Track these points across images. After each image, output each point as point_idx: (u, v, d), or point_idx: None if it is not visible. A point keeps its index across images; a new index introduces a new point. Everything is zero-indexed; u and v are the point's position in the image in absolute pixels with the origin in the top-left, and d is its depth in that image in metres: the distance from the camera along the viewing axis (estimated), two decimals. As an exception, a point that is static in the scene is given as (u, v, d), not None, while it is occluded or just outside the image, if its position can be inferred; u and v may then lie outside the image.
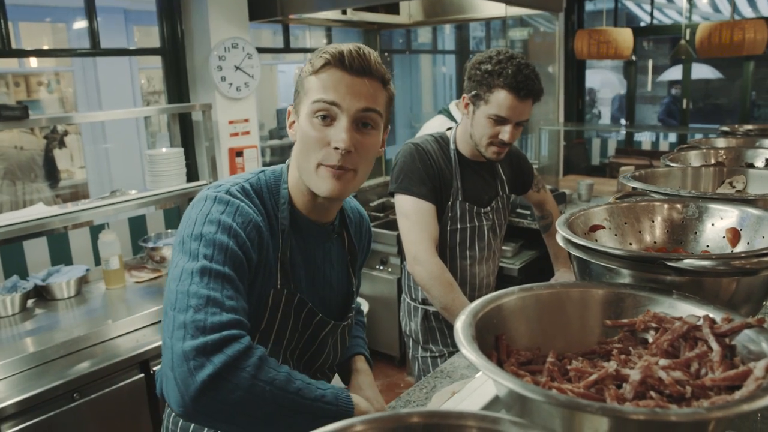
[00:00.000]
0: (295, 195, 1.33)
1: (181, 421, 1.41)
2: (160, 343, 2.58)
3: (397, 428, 0.66)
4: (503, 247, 3.96)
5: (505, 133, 2.01)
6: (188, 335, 1.06)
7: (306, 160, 1.24)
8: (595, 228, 1.26)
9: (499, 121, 2.00)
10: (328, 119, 1.21)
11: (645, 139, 7.63)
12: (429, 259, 2.06)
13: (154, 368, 2.60)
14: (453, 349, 2.27)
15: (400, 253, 2.32)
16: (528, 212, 4.07)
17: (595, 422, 0.67)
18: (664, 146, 7.21)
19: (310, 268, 1.37)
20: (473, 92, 2.04)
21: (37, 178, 4.94)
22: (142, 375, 2.58)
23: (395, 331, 4.20)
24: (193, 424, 1.39)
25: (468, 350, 0.79)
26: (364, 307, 4.08)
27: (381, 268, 4.23)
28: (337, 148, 1.19)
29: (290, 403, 1.09)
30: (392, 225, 4.07)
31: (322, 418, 1.11)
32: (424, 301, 2.29)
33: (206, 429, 1.38)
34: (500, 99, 1.97)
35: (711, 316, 0.90)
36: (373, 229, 4.31)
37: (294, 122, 1.30)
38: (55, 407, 2.30)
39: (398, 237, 2.27)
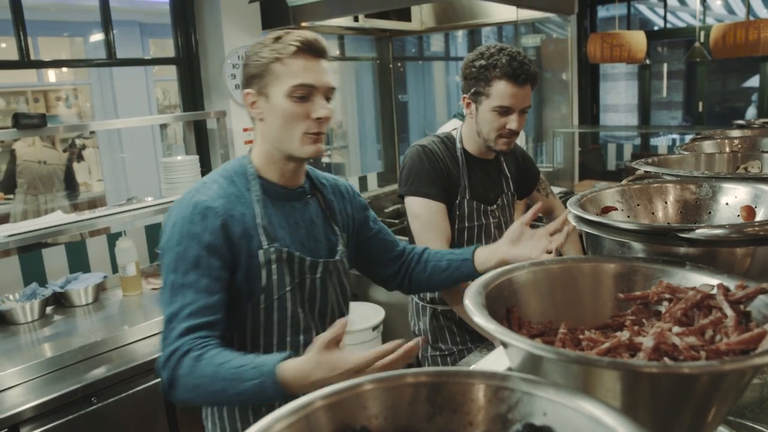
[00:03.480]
0: (265, 168, 1.57)
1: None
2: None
3: (406, 386, 0.66)
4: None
5: (512, 122, 2.01)
6: (161, 348, 1.39)
7: (288, 132, 1.49)
8: (607, 209, 1.25)
9: (504, 111, 2.01)
10: (305, 98, 1.46)
11: (661, 143, 7.58)
12: None
13: (171, 372, 2.61)
14: (462, 346, 2.26)
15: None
16: (541, 215, 4.03)
17: (608, 379, 0.66)
18: (680, 150, 7.13)
19: (291, 226, 1.58)
20: (472, 90, 2.04)
21: (57, 191, 5.01)
22: (159, 380, 2.58)
23: (411, 336, 4.17)
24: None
25: (478, 316, 0.79)
26: (379, 314, 4.06)
27: (396, 274, 4.21)
28: (319, 118, 1.47)
29: (219, 399, 1.36)
30: (407, 231, 4.05)
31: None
32: (433, 300, 2.28)
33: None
34: (501, 89, 1.98)
35: (725, 284, 0.89)
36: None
37: (255, 102, 1.52)
38: (73, 411, 2.32)
39: (408, 240, 2.27)
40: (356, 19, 4.10)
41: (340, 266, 1.68)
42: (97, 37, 6.85)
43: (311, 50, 1.47)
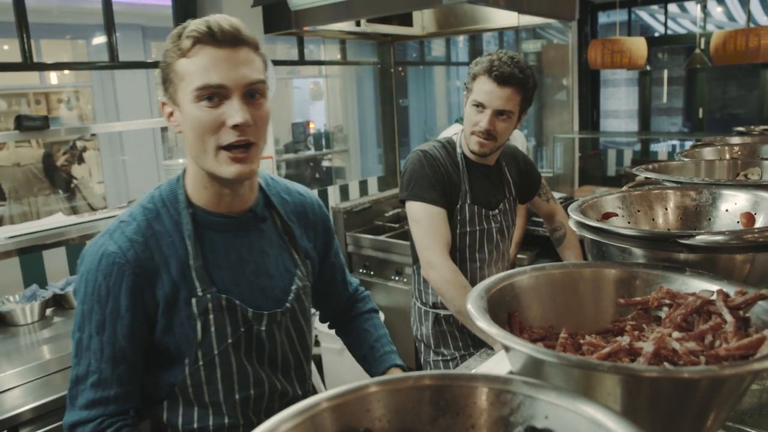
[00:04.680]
0: (198, 193, 1.29)
1: None
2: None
3: (409, 389, 0.67)
4: (519, 255, 3.94)
5: (483, 120, 2.02)
6: (67, 407, 1.26)
7: (202, 146, 1.18)
8: (608, 215, 1.26)
9: (479, 107, 2.02)
10: (215, 100, 1.16)
11: (661, 150, 7.60)
12: (443, 264, 2.06)
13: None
14: (464, 352, 2.26)
15: (415, 262, 2.32)
16: (542, 219, 4.05)
17: (608, 383, 0.67)
18: (680, 157, 7.15)
19: (234, 264, 1.32)
20: (465, 87, 2.10)
21: (39, 191, 4.93)
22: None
23: (412, 341, 4.17)
24: None
25: (481, 320, 0.80)
26: (380, 317, 4.06)
27: (396, 278, 4.23)
28: (235, 126, 1.15)
29: None
30: (407, 235, 4.06)
31: None
32: (435, 305, 2.29)
33: None
34: (479, 84, 2.01)
35: (724, 290, 0.89)
36: (388, 240, 4.31)
37: (172, 113, 1.24)
38: (73, 412, 2.31)
39: (410, 245, 2.28)
40: (358, 24, 4.11)
41: (292, 312, 1.40)
42: (100, 39, 6.88)
43: (215, 39, 1.14)
